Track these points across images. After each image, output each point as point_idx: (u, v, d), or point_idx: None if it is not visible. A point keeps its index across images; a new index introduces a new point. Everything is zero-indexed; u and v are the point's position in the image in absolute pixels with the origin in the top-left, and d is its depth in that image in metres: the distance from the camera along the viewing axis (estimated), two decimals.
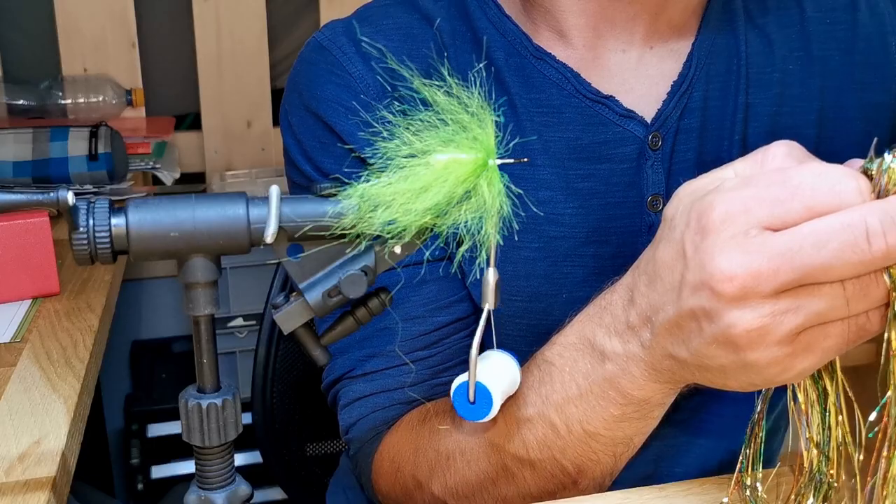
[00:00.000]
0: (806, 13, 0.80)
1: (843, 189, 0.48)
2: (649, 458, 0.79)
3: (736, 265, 0.49)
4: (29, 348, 1.00)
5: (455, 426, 0.72)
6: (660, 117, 0.76)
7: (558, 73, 0.76)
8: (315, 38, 0.80)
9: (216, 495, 0.54)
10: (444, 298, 0.77)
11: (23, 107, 1.82)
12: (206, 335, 0.52)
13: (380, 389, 0.78)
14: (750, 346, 0.51)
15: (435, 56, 0.75)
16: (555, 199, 0.75)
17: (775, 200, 0.49)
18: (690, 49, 0.78)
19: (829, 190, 0.48)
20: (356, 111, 0.75)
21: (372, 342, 0.77)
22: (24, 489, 0.74)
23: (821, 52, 0.80)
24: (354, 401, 0.79)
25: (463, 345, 0.79)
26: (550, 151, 0.76)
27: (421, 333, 0.77)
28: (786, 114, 0.78)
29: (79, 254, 0.49)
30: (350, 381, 0.79)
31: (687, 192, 0.55)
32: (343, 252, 0.52)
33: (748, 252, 0.49)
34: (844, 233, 0.47)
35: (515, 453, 0.68)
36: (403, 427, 0.77)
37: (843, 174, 0.49)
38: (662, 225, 0.56)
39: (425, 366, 0.77)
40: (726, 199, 0.51)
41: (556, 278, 0.76)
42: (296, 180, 0.82)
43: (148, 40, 1.95)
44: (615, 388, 0.61)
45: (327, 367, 0.81)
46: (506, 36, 0.78)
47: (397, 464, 0.76)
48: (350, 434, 0.80)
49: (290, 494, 1.26)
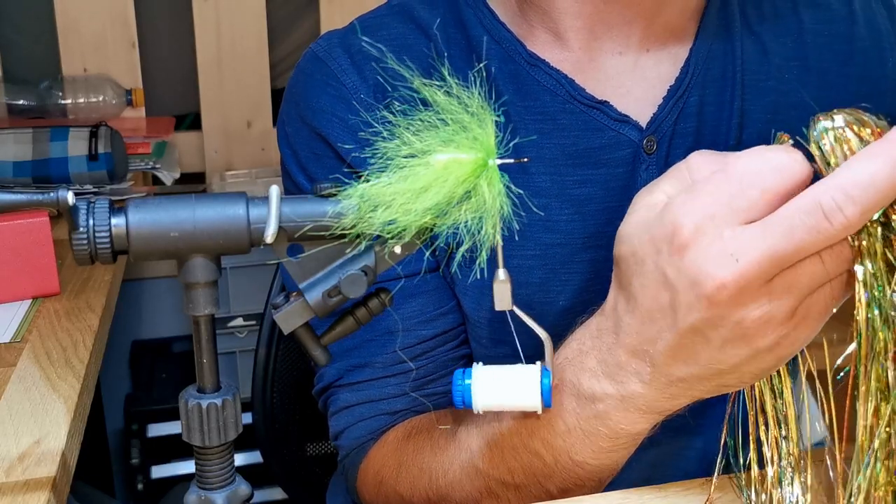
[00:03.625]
0: (804, 24, 0.80)
1: (783, 163, 0.50)
2: (646, 463, 0.79)
3: (723, 271, 0.50)
4: (29, 348, 1.00)
5: (438, 446, 0.73)
6: (655, 121, 0.76)
7: (552, 80, 0.76)
8: (311, 49, 0.81)
9: (216, 495, 0.54)
10: (430, 311, 0.78)
11: (23, 107, 1.82)
12: (206, 335, 0.52)
13: (365, 400, 0.79)
14: (759, 334, 0.52)
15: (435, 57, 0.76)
16: (550, 207, 0.75)
17: (731, 197, 0.51)
18: (688, 54, 0.77)
19: (773, 169, 0.50)
20: (350, 122, 0.75)
21: (360, 352, 0.78)
22: (24, 489, 0.74)
23: (818, 63, 0.80)
24: (342, 409, 0.80)
25: (448, 357, 0.79)
26: (545, 158, 0.76)
27: (406, 346, 0.77)
28: (780, 121, 0.78)
29: (79, 254, 0.49)
30: (338, 389, 0.80)
31: (632, 228, 0.56)
32: (343, 252, 0.52)
33: (729, 255, 0.50)
34: (806, 217, 0.49)
35: (500, 478, 0.68)
36: (389, 442, 0.78)
37: (776, 151, 0.51)
38: (621, 267, 0.57)
39: (408, 378, 0.78)
40: (688, 213, 0.51)
41: (553, 286, 0.76)
42: (291, 190, 0.82)
43: (148, 40, 1.95)
44: (606, 425, 0.61)
45: (318, 372, 0.82)
46: (500, 43, 0.77)
47: (381, 477, 0.77)
48: (338, 441, 0.82)
49: (290, 494, 1.26)
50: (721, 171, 0.52)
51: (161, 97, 2.00)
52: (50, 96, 1.83)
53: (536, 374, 0.57)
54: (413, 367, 0.77)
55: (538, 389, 0.57)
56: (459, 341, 0.80)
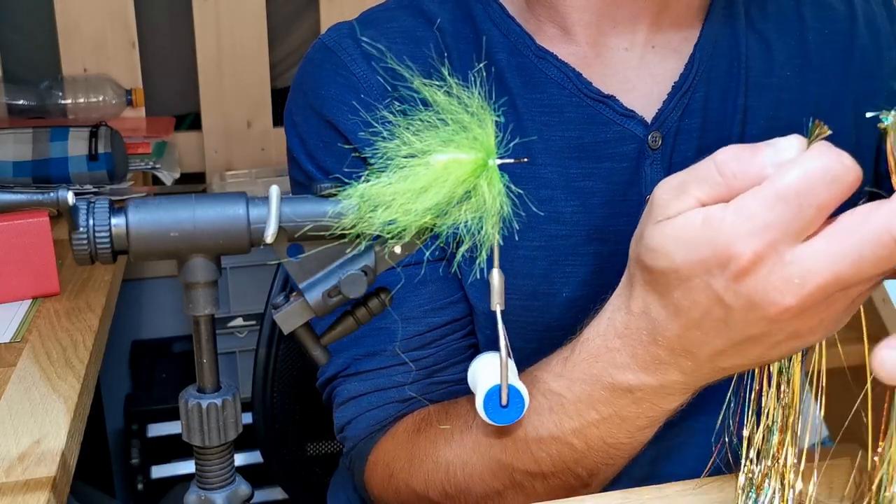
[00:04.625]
0: (806, 22, 0.81)
1: (837, 174, 0.48)
2: (646, 460, 0.79)
3: (788, 298, 0.49)
4: (29, 348, 1.00)
5: (453, 440, 0.72)
6: (660, 117, 0.77)
7: (560, 73, 0.77)
8: (320, 40, 0.81)
9: (216, 495, 0.54)
10: (440, 300, 0.78)
11: (23, 107, 1.82)
12: (206, 335, 0.52)
13: (374, 388, 0.78)
14: (812, 334, 0.53)
15: (436, 57, 0.76)
16: (555, 198, 0.76)
17: (789, 221, 0.49)
18: (693, 50, 0.78)
19: (828, 182, 0.48)
20: (359, 111, 0.75)
21: (367, 341, 0.78)
22: (24, 489, 0.74)
23: (819, 60, 0.81)
24: (349, 399, 0.79)
25: (458, 346, 0.79)
26: (551, 150, 0.76)
27: (416, 334, 0.77)
28: (782, 118, 0.79)
29: (79, 254, 0.49)
30: (345, 379, 0.80)
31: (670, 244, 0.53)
32: (343, 252, 0.52)
33: (793, 281, 0.49)
34: (878, 249, 0.47)
35: (526, 469, 0.68)
36: (399, 434, 0.77)
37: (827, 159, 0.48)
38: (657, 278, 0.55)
39: (420, 366, 0.77)
40: (744, 240, 0.49)
41: (557, 278, 0.76)
42: (298, 179, 0.82)
43: (148, 40, 1.95)
44: (644, 410, 0.61)
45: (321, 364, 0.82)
46: (508, 36, 0.78)
47: (391, 470, 0.76)
48: (345, 432, 0.80)
49: (290, 494, 1.26)
50: (770, 187, 0.49)
51: (161, 97, 2.00)
52: (50, 96, 1.83)
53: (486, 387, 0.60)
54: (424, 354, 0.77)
55: (482, 399, 0.61)
56: (468, 331, 0.80)
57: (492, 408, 0.61)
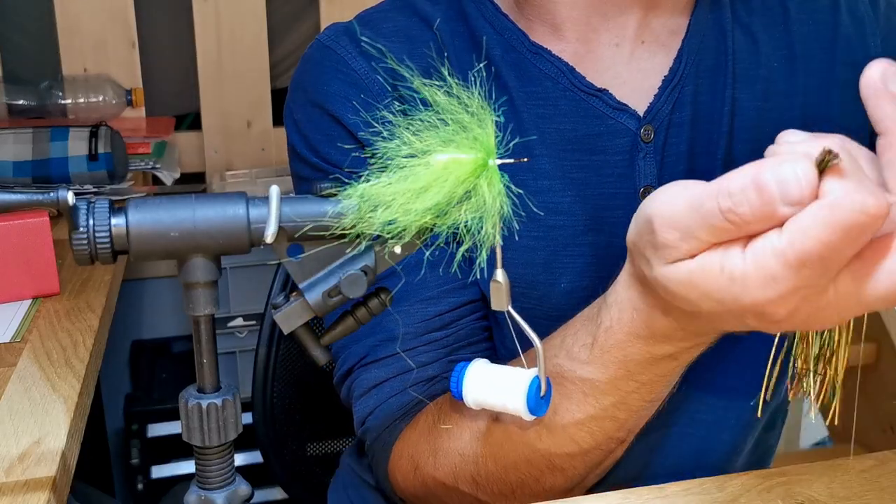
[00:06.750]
0: (790, 14, 0.83)
1: (861, 224, 0.44)
2: (641, 451, 0.79)
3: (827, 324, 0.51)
4: (29, 348, 1.00)
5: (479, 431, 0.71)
6: (651, 110, 0.78)
7: (554, 67, 0.78)
8: (318, 39, 0.82)
9: (216, 495, 0.54)
10: (458, 280, 0.78)
11: (23, 107, 1.82)
12: (206, 335, 0.52)
13: (395, 373, 0.78)
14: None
15: (435, 56, 0.76)
16: (553, 189, 0.77)
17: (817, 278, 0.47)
18: (681, 45, 0.80)
19: (849, 236, 0.44)
20: (362, 106, 0.76)
21: (383, 327, 0.78)
22: (24, 489, 0.74)
23: (804, 51, 0.82)
24: (370, 389, 0.79)
25: (476, 326, 0.80)
26: (547, 142, 0.77)
27: (436, 314, 0.78)
28: (771, 109, 0.80)
29: (79, 254, 0.49)
30: (364, 368, 0.79)
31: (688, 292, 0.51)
32: (343, 252, 0.52)
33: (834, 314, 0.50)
34: None
35: (566, 452, 0.68)
36: (420, 425, 0.77)
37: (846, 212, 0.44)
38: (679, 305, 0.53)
39: (440, 346, 0.78)
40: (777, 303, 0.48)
41: (556, 267, 0.77)
42: (303, 174, 0.83)
43: (148, 40, 1.95)
44: (683, 360, 0.62)
45: (338, 359, 0.82)
46: (503, 34, 0.79)
47: (415, 462, 0.76)
48: (366, 424, 0.80)
49: (290, 494, 1.26)
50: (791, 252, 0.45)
51: (161, 97, 2.00)
52: (50, 96, 1.83)
53: (525, 381, 0.58)
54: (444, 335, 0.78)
55: (524, 397, 0.58)
56: (483, 313, 0.80)
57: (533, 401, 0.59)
